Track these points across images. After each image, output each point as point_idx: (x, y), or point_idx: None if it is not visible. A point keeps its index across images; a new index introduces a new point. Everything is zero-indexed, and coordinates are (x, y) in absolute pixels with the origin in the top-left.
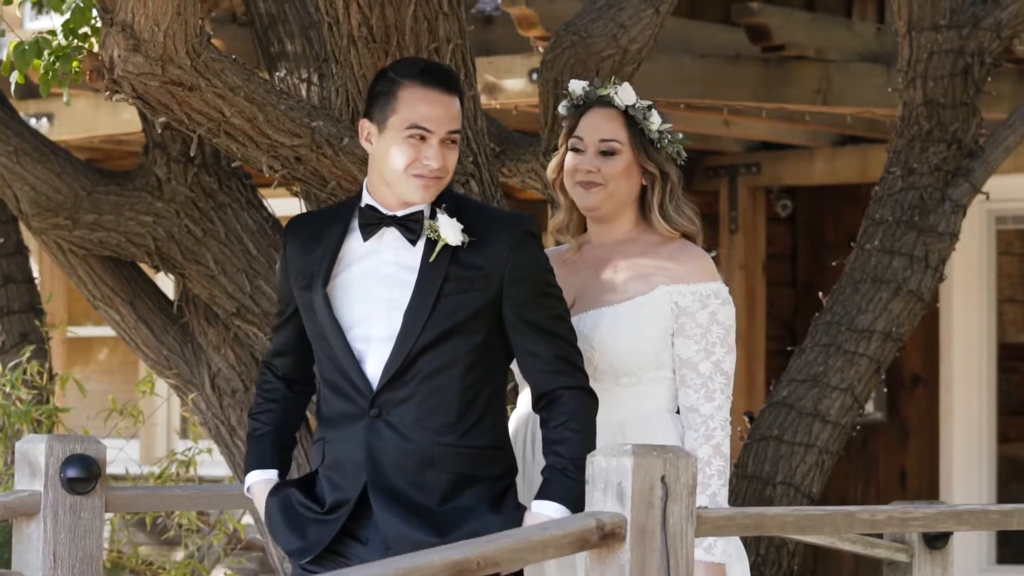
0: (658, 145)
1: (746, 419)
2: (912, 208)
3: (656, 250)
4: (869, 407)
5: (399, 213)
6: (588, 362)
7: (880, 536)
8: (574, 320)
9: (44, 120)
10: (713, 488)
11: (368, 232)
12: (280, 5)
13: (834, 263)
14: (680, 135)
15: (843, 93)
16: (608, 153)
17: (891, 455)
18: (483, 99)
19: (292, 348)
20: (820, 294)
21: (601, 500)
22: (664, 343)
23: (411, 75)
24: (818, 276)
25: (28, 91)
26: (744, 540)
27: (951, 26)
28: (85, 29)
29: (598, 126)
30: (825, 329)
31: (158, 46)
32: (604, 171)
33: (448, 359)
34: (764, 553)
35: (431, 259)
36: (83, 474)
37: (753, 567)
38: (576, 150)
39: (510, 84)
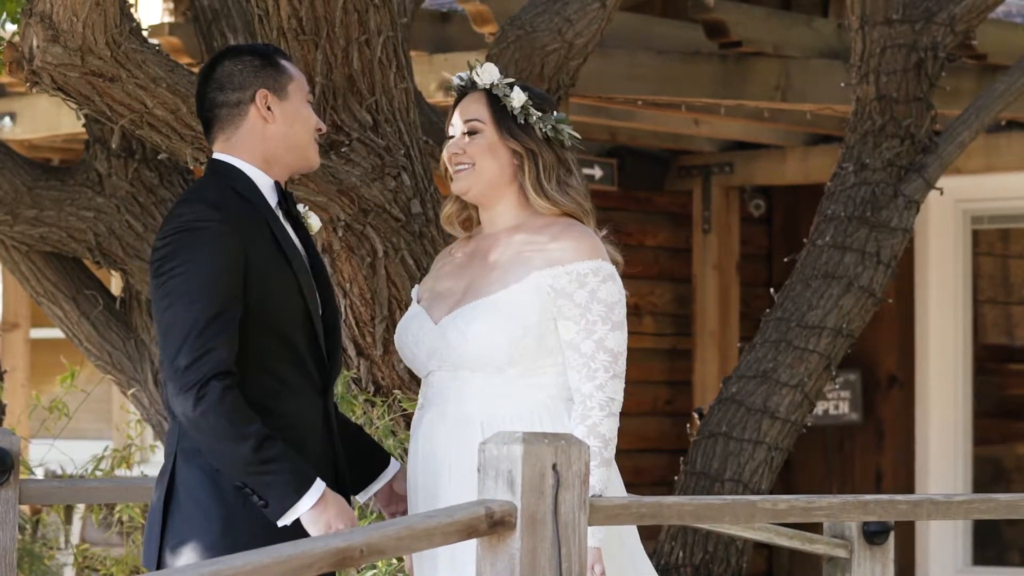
0: (522, 122)
1: (696, 416)
2: (864, 204)
3: (537, 233)
4: (844, 408)
5: None
6: (465, 356)
7: (820, 532)
8: (459, 312)
9: (7, 119)
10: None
11: (288, 210)
12: (223, 0)
13: (786, 259)
14: (555, 114)
15: (803, 90)
16: (472, 133)
17: (867, 456)
18: (440, 96)
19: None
20: (772, 290)
21: (492, 488)
22: (545, 329)
23: (275, 51)
24: None
25: None
26: (693, 537)
27: (904, 20)
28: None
29: (465, 108)
30: (775, 325)
31: (77, 36)
32: (469, 151)
33: None
34: (712, 551)
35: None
36: None
37: (701, 564)
38: (450, 136)
39: None
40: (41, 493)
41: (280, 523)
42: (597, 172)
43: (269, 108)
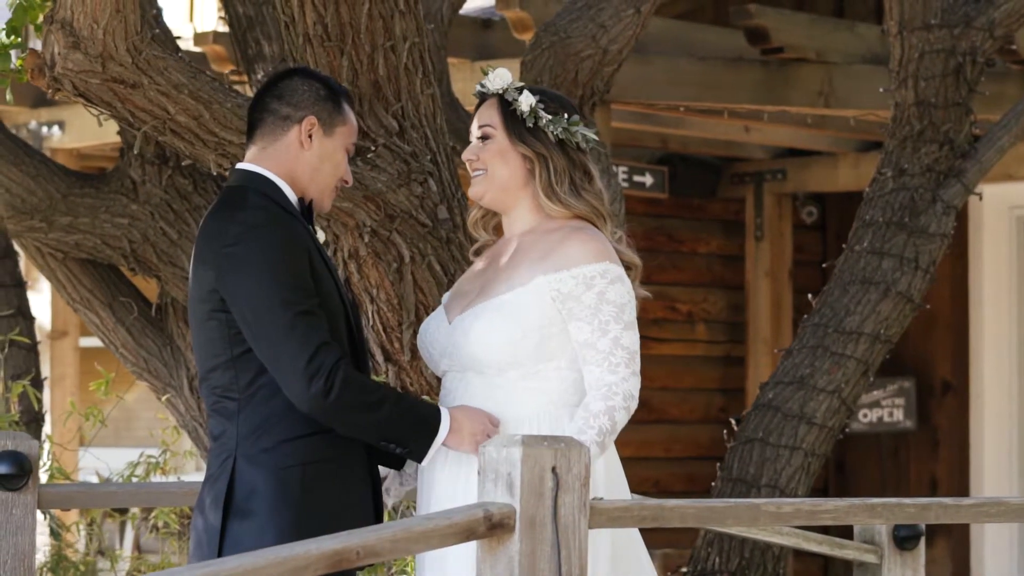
0: (531, 125)
1: (734, 423)
2: (903, 209)
3: (547, 237)
4: (899, 415)
5: None
6: (469, 357)
7: (850, 537)
8: (468, 312)
9: (55, 128)
10: (589, 436)
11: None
12: (258, 8)
13: (824, 265)
14: (568, 117)
15: (846, 96)
16: (485, 138)
17: (921, 463)
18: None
19: None
20: (809, 296)
21: (492, 491)
22: (547, 333)
23: (344, 94)
24: None
25: (40, 99)
26: (729, 544)
27: (942, 25)
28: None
29: (481, 114)
30: (812, 331)
31: (97, 43)
32: (482, 156)
33: None
34: (749, 557)
35: None
36: (15, 470)
37: (737, 570)
38: (468, 142)
39: None
40: (60, 498)
41: (424, 462)
42: (648, 179)
43: (310, 136)
